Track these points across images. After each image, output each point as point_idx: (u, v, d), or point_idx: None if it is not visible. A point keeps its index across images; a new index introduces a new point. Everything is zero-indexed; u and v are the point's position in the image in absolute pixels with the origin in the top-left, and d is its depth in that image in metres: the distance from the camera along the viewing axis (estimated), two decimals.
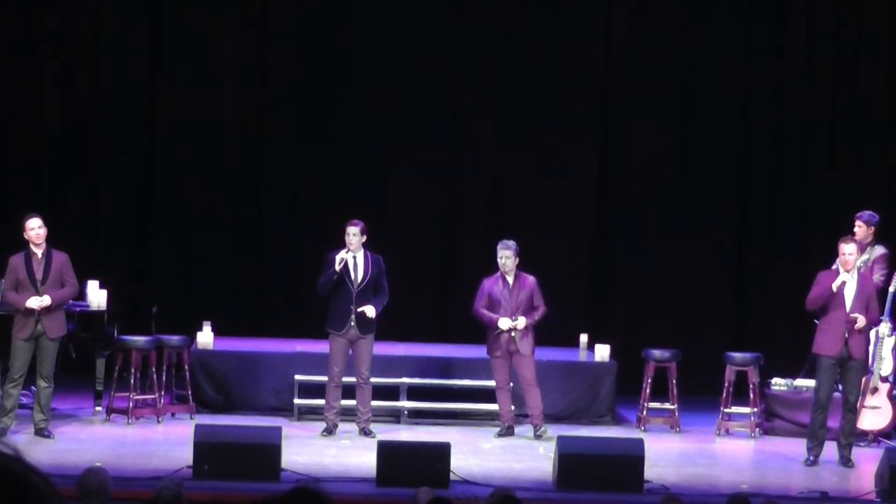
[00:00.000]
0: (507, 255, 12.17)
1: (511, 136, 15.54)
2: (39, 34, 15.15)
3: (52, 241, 11.28)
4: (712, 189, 15.56)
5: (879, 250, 12.40)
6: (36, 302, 10.99)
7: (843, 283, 11.20)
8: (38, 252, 11.11)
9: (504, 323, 12.07)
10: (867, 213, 12.44)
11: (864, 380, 11.85)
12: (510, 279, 12.21)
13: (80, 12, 15.19)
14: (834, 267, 11.66)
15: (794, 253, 15.12)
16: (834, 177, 15.61)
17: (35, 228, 11.10)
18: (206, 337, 13.06)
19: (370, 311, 11.78)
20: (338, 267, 11.73)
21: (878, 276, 12.15)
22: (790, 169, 15.63)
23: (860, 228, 12.27)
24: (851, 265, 11.26)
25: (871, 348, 12.07)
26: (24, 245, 11.19)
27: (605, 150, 15.65)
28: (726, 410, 12.83)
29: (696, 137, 15.63)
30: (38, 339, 11.11)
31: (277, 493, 2.44)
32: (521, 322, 12.08)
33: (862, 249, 11.94)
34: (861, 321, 11.19)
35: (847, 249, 11.30)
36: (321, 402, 12.18)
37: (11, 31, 15.11)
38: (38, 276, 11.08)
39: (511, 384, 12.23)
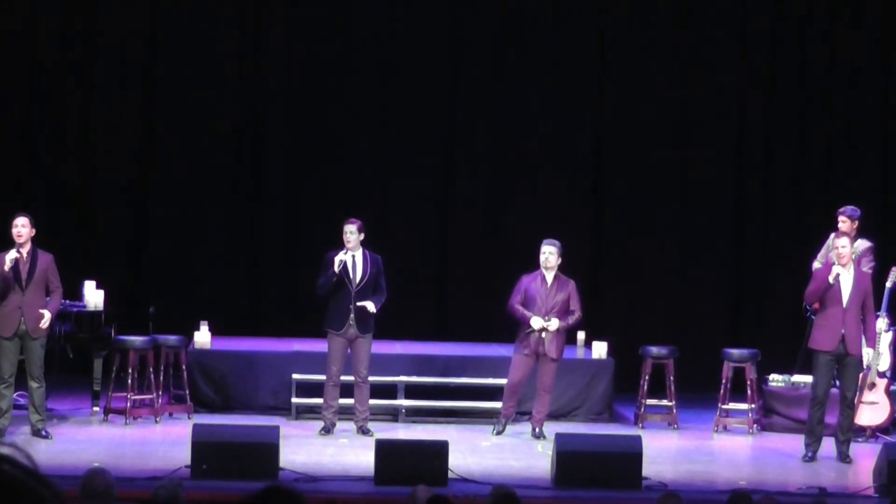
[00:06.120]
0: (550, 251, 11.95)
1: (508, 133, 15.53)
2: (37, 31, 15.14)
3: (49, 240, 11.24)
4: (709, 186, 15.56)
5: (864, 244, 12.42)
6: (46, 320, 11.04)
7: (838, 275, 11.22)
8: (24, 252, 11.09)
9: (536, 322, 11.87)
10: (850, 207, 12.44)
11: (861, 375, 11.85)
12: (549, 277, 12.00)
13: (77, 10, 15.18)
14: (821, 259, 11.75)
15: (791, 249, 15.11)
16: (829, 174, 15.62)
17: (17, 227, 11.07)
18: (203, 336, 13.05)
19: (370, 305, 11.76)
20: (337, 269, 11.71)
21: (866, 269, 12.14)
22: (785, 166, 15.63)
23: (844, 223, 12.27)
24: (846, 258, 11.28)
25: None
26: (12, 244, 11.16)
27: (602, 145, 15.64)
28: (724, 407, 12.82)
29: (694, 135, 15.62)
30: (23, 340, 11.10)
31: (250, 492, 2.42)
32: (554, 324, 11.87)
33: None
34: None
35: (840, 243, 11.34)
36: (319, 401, 12.17)
37: (8, 27, 15.09)
38: (23, 275, 11.07)
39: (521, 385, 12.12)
